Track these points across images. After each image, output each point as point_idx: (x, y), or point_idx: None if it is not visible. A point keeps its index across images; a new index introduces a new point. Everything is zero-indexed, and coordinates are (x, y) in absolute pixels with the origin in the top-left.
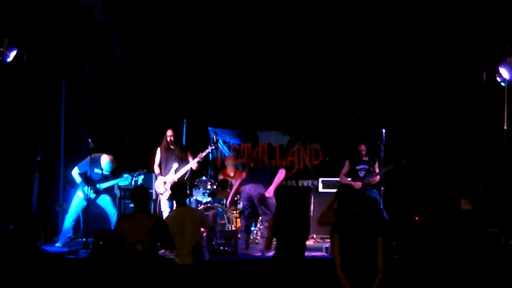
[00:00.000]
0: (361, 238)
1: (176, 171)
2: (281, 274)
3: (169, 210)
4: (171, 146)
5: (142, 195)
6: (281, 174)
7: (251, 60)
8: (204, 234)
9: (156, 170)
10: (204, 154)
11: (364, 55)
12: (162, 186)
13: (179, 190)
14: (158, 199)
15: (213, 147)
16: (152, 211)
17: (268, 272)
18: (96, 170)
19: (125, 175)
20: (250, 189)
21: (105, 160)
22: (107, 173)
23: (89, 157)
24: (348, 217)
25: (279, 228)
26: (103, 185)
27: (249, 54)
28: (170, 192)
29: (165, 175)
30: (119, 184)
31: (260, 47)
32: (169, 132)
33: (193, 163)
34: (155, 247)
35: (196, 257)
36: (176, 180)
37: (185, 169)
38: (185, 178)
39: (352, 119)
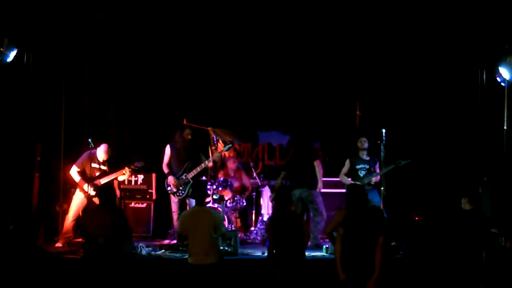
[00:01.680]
0: (363, 235)
1: (189, 170)
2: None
3: (178, 211)
4: (185, 145)
5: (107, 193)
6: (320, 167)
7: (251, 60)
8: None
9: (165, 169)
10: (224, 150)
11: (364, 55)
12: (173, 185)
13: (198, 190)
14: (170, 199)
15: (230, 145)
16: (153, 212)
17: (267, 275)
18: (94, 166)
19: (124, 169)
20: (301, 193)
21: (102, 149)
22: (105, 167)
23: (85, 154)
24: (353, 214)
25: (276, 231)
26: (103, 180)
27: (249, 54)
28: (181, 192)
29: (177, 174)
30: (119, 178)
31: (260, 47)
32: (188, 131)
33: (208, 162)
34: (116, 240)
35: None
36: (189, 179)
37: (198, 168)
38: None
39: (352, 119)
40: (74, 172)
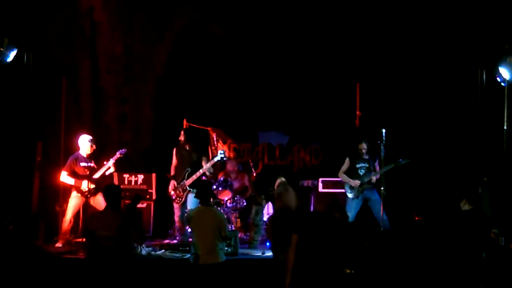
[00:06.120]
0: (318, 249)
1: (189, 176)
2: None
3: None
4: (186, 148)
5: (113, 193)
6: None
7: (251, 60)
8: None
9: (171, 172)
10: (215, 160)
11: (364, 55)
12: (172, 190)
13: (203, 190)
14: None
15: (223, 155)
16: (153, 212)
17: (273, 275)
18: (82, 165)
19: (108, 161)
20: None
21: (84, 139)
22: (92, 164)
23: (71, 157)
24: (313, 222)
25: (276, 229)
26: (97, 175)
27: (249, 54)
28: (180, 198)
29: (178, 179)
30: (110, 171)
31: (259, 47)
32: (182, 133)
33: (206, 169)
34: (125, 242)
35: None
36: (186, 187)
37: (197, 174)
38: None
39: (352, 119)
40: (64, 177)
